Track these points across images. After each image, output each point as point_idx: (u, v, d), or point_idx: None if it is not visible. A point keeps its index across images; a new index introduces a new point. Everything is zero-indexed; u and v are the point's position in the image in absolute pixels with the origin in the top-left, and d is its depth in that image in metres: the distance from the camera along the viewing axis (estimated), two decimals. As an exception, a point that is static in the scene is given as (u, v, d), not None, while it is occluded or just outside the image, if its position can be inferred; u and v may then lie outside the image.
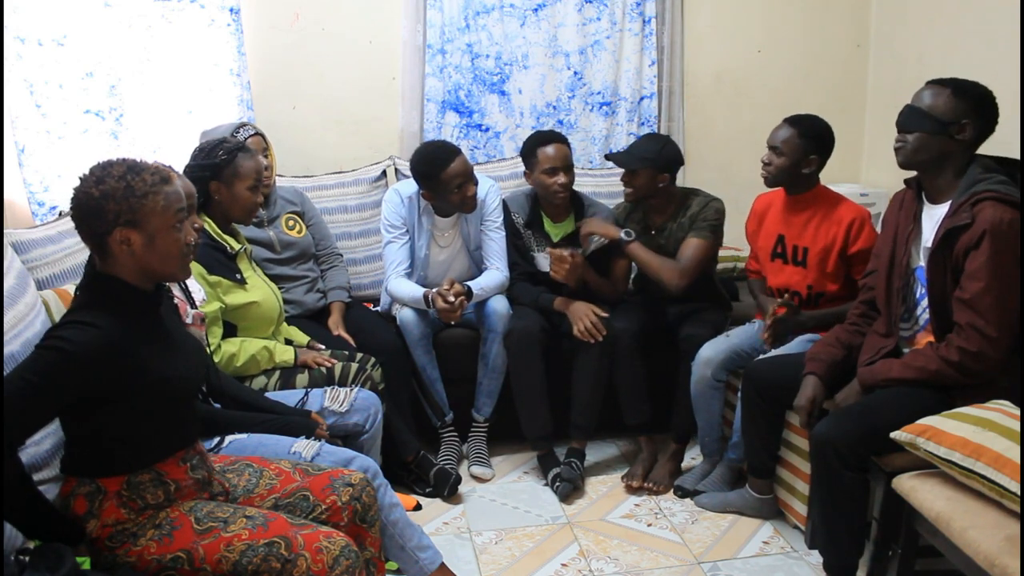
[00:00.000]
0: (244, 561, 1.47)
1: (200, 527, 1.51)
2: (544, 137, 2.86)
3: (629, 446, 3.09)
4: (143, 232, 1.47)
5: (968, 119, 1.97)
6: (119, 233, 1.45)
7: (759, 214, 2.73)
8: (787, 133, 2.50)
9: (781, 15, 3.71)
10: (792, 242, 2.58)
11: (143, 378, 1.47)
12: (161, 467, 1.55)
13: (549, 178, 2.81)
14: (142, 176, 1.47)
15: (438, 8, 3.36)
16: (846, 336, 2.27)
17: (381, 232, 2.90)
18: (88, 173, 1.48)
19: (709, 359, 2.60)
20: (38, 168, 2.83)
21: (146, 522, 1.51)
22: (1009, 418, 1.74)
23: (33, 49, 2.79)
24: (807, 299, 2.57)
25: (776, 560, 2.36)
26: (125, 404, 1.47)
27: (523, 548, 2.43)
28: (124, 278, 1.50)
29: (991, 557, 1.56)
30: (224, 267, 2.25)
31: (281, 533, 1.50)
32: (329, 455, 1.92)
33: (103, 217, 1.44)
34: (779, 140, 2.50)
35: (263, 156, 2.72)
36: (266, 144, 2.78)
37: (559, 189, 2.81)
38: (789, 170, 2.50)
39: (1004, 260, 1.88)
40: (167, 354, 1.55)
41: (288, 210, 2.83)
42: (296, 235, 2.80)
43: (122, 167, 1.48)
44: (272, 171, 2.80)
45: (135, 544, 1.49)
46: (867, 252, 2.42)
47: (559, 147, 2.81)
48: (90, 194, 1.44)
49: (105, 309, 1.46)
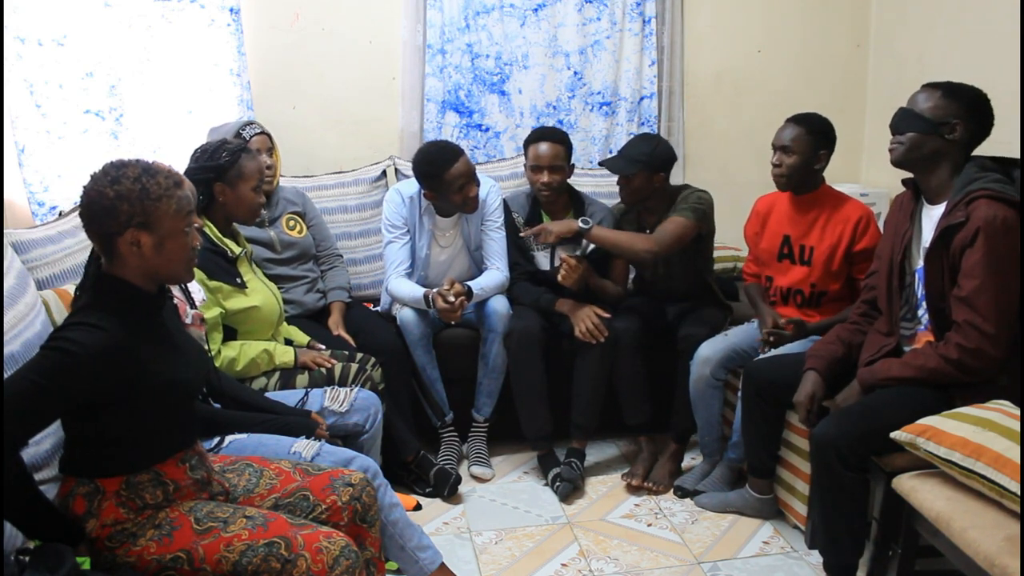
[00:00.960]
0: (244, 561, 1.47)
1: (200, 527, 1.51)
2: (538, 134, 2.86)
3: (629, 446, 3.09)
4: (154, 234, 1.48)
5: (959, 119, 1.98)
6: (130, 234, 1.46)
7: (762, 215, 2.72)
8: (795, 131, 2.49)
9: (781, 15, 3.71)
10: (799, 242, 2.57)
11: (148, 380, 1.47)
12: (160, 467, 1.55)
13: (533, 175, 2.84)
14: (156, 179, 1.48)
15: (438, 8, 3.36)
16: (847, 335, 2.27)
17: (382, 232, 2.90)
18: (101, 173, 1.47)
19: (707, 358, 2.60)
20: (38, 168, 2.83)
21: (145, 522, 1.51)
22: (1009, 418, 1.74)
23: (33, 49, 2.79)
24: (809, 298, 2.57)
25: (776, 560, 2.36)
26: (128, 406, 1.47)
27: (523, 548, 2.43)
28: (129, 279, 1.50)
29: (991, 557, 1.56)
30: (224, 272, 2.24)
31: (281, 533, 1.50)
32: (329, 455, 1.92)
33: (116, 218, 1.44)
34: (788, 139, 2.49)
35: (267, 155, 2.72)
36: (271, 143, 2.79)
37: (542, 188, 2.82)
38: (802, 168, 2.50)
39: (999, 257, 1.89)
40: (171, 356, 1.55)
41: (290, 210, 2.83)
42: (297, 235, 2.80)
43: (136, 169, 1.48)
44: (276, 171, 2.80)
45: (135, 544, 1.49)
46: (870, 250, 2.43)
47: (551, 146, 2.80)
48: (104, 194, 1.44)
49: (109, 311, 1.46)
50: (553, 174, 2.80)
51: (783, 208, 2.64)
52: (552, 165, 2.80)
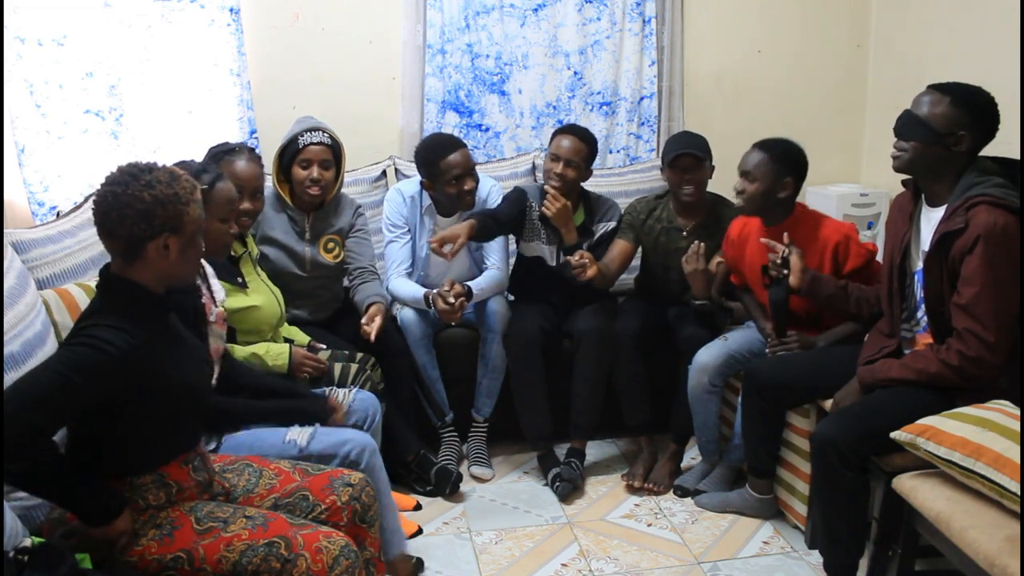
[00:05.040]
0: (244, 561, 1.47)
1: (200, 527, 1.51)
2: (567, 128, 2.85)
3: (629, 446, 3.08)
4: (182, 239, 1.49)
5: (965, 131, 1.94)
6: (163, 239, 1.47)
7: (736, 242, 2.61)
8: (758, 157, 2.40)
9: (781, 15, 3.71)
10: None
11: (161, 382, 1.49)
12: (164, 469, 1.55)
13: (549, 163, 2.81)
14: (181, 183, 1.49)
15: (438, 8, 3.36)
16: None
17: (383, 231, 2.89)
18: (129, 176, 1.46)
19: (705, 365, 2.58)
20: (38, 168, 2.83)
21: (147, 521, 1.51)
22: (1009, 418, 1.74)
23: (33, 49, 2.79)
24: (805, 318, 2.49)
25: (776, 560, 2.36)
26: (140, 408, 1.48)
27: (523, 548, 2.43)
28: (142, 282, 1.50)
29: (991, 557, 1.56)
30: (225, 271, 2.23)
31: (281, 533, 1.51)
32: (325, 435, 1.93)
33: (151, 222, 1.45)
34: (750, 165, 2.40)
35: (319, 168, 2.58)
36: (333, 156, 2.64)
37: (552, 178, 2.79)
38: (764, 196, 2.39)
39: (999, 264, 1.87)
40: (182, 359, 1.56)
41: (332, 230, 2.71)
42: (332, 259, 2.70)
43: (164, 173, 1.49)
44: (332, 186, 2.66)
45: (136, 544, 1.49)
46: (862, 268, 2.40)
47: (574, 140, 2.78)
48: (140, 197, 1.44)
49: (124, 313, 1.46)
50: (568, 168, 2.77)
51: (757, 238, 2.48)
52: (569, 159, 2.77)
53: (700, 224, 2.81)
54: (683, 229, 2.82)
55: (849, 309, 2.32)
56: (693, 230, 2.80)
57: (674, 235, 2.83)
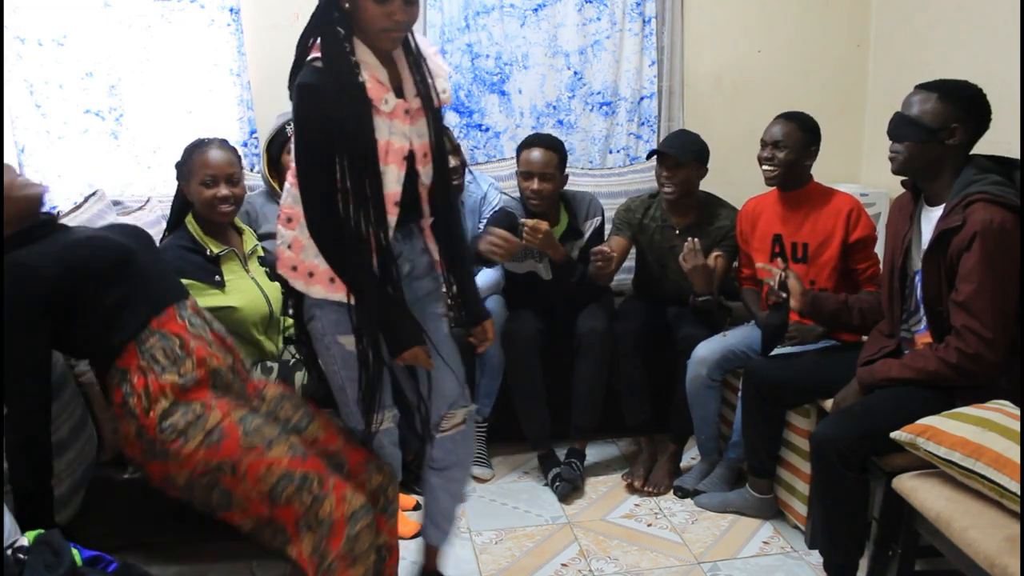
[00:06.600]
0: (279, 487, 1.55)
1: (246, 442, 1.58)
2: (531, 140, 2.80)
3: (629, 446, 3.08)
4: None
5: (957, 123, 1.96)
6: None
7: (751, 216, 2.70)
8: (787, 127, 2.53)
9: (781, 15, 3.70)
10: (790, 239, 2.57)
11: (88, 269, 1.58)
12: (157, 325, 1.61)
13: (523, 182, 2.76)
14: None
15: (438, 8, 3.36)
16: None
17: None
18: None
19: (704, 358, 2.59)
20: (38, 168, 2.84)
21: (187, 410, 1.57)
22: (1009, 418, 1.74)
23: (33, 49, 2.79)
24: None
25: (776, 560, 2.36)
26: (94, 291, 1.57)
27: (523, 548, 2.43)
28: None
29: (991, 557, 1.56)
30: (200, 270, 2.17)
31: (317, 470, 1.59)
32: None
33: None
34: (780, 135, 2.52)
35: None
36: None
37: (531, 196, 2.74)
38: (794, 163, 2.52)
39: (996, 261, 1.87)
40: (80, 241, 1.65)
41: None
42: None
43: None
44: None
45: (185, 443, 1.56)
46: (866, 240, 2.46)
47: (543, 153, 2.72)
48: None
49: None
50: (543, 182, 2.72)
51: (772, 208, 2.64)
52: (543, 173, 2.72)
53: (693, 223, 2.82)
54: (676, 228, 2.83)
55: (853, 322, 2.34)
56: (686, 229, 2.81)
57: (668, 234, 2.84)
